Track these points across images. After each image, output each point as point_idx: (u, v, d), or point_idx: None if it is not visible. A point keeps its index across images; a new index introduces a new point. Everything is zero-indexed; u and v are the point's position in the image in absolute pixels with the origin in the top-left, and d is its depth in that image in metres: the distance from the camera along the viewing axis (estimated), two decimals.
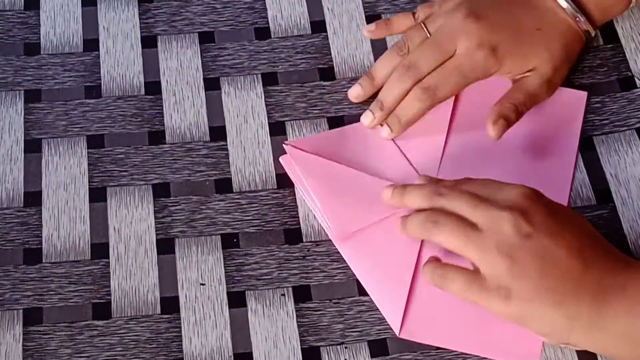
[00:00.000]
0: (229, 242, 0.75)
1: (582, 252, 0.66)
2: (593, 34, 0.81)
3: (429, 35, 0.79)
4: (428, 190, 0.70)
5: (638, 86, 0.82)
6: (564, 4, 0.79)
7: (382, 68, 0.80)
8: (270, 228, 0.76)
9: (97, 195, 0.77)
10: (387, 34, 0.83)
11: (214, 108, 0.81)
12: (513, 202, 0.67)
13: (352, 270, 0.74)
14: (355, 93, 0.81)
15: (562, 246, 0.65)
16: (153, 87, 0.82)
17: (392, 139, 0.79)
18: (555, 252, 0.65)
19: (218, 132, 0.80)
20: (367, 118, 0.79)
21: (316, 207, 0.75)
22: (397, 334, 0.71)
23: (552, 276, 0.65)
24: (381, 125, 0.79)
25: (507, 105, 0.77)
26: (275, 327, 0.72)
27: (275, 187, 0.78)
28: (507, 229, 0.65)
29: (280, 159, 0.78)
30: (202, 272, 0.74)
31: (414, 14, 0.82)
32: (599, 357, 0.70)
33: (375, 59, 0.83)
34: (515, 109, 0.77)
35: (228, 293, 0.73)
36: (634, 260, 0.68)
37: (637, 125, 0.80)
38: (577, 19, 0.79)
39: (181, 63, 0.84)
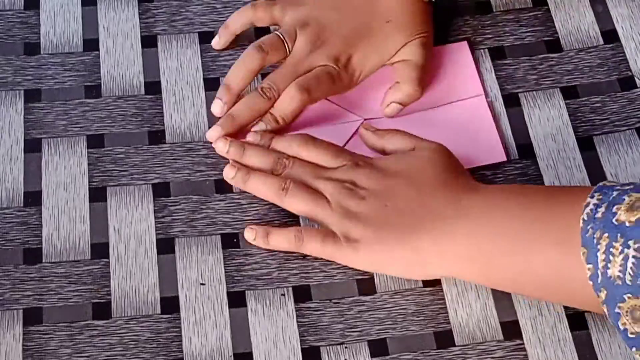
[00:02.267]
0: (229, 241, 0.75)
1: (418, 196, 0.72)
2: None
3: (288, 50, 0.80)
4: (274, 157, 0.76)
5: (638, 86, 0.82)
6: None
7: (238, 74, 0.80)
8: None
9: (97, 195, 0.77)
10: (231, 38, 0.83)
11: None
12: (342, 176, 0.74)
13: (352, 270, 0.74)
14: (217, 107, 0.80)
15: (394, 196, 0.72)
16: (153, 87, 0.82)
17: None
18: (389, 201, 0.72)
19: None
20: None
21: None
22: None
23: (393, 217, 0.71)
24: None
25: (404, 89, 0.80)
26: (275, 327, 0.72)
27: None
28: (346, 194, 0.73)
29: None
30: (202, 272, 0.74)
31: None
32: (594, 343, 0.71)
33: None
34: (413, 89, 0.80)
35: (228, 293, 0.73)
36: (482, 186, 0.73)
37: (637, 125, 0.80)
38: None
39: (181, 63, 0.84)
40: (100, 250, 0.75)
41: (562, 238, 0.65)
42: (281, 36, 0.80)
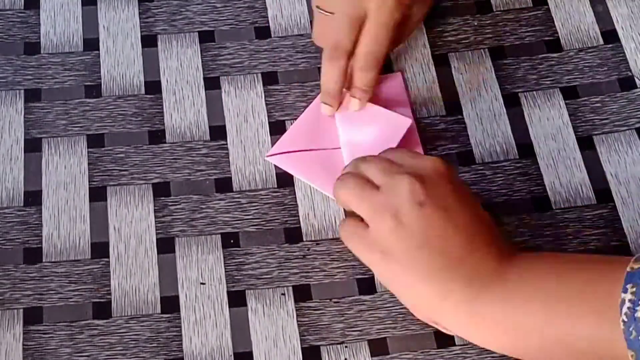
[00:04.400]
0: (229, 241, 0.75)
1: (470, 234, 0.67)
2: None
3: None
4: (358, 159, 0.72)
5: (638, 86, 0.82)
6: None
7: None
8: (271, 227, 0.76)
9: (97, 195, 0.77)
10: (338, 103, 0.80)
11: (214, 107, 0.81)
12: (417, 170, 0.68)
13: (352, 270, 0.74)
14: (328, 110, 0.80)
15: (452, 222, 0.67)
16: (153, 87, 0.82)
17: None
18: (443, 225, 0.67)
19: (218, 132, 0.80)
20: (326, 110, 0.79)
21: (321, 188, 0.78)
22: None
23: (433, 249, 0.66)
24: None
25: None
26: (275, 326, 0.72)
27: (276, 186, 0.78)
28: (402, 193, 0.67)
29: (267, 158, 0.79)
30: (202, 271, 0.74)
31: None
32: None
33: None
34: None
35: (228, 292, 0.73)
36: (521, 254, 0.68)
37: (637, 125, 0.80)
38: None
39: (181, 62, 0.84)
40: (100, 249, 0.75)
41: (600, 311, 0.62)
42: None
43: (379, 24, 0.77)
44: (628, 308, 0.60)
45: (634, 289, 0.61)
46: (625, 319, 0.60)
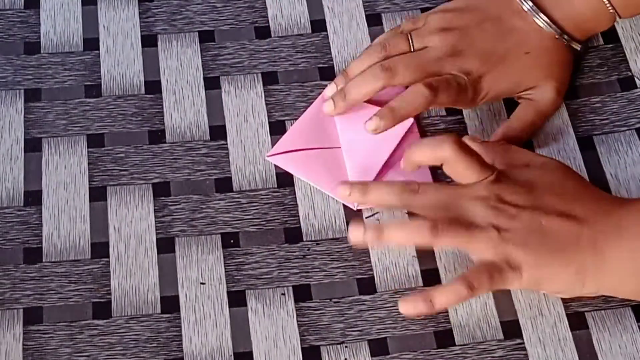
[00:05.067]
0: (229, 241, 0.75)
1: (570, 210, 0.69)
2: (579, 49, 0.81)
3: (412, 48, 0.79)
4: (398, 187, 0.72)
5: (638, 86, 0.82)
6: (547, 28, 0.79)
7: (359, 67, 0.79)
8: (271, 227, 0.76)
9: (97, 195, 0.77)
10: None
11: (214, 107, 0.81)
12: (485, 192, 0.70)
13: (352, 270, 0.74)
14: (330, 91, 0.80)
15: (548, 213, 0.69)
16: (153, 86, 0.82)
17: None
18: (544, 219, 0.69)
19: (218, 131, 0.80)
20: (328, 107, 0.79)
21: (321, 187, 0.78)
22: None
23: (550, 235, 0.69)
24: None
25: (513, 127, 0.79)
26: (275, 326, 0.72)
27: (276, 186, 0.78)
28: (497, 214, 0.69)
29: (268, 158, 0.79)
30: (202, 271, 0.74)
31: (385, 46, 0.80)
32: (594, 341, 0.71)
33: None
34: (522, 130, 0.79)
35: (228, 292, 0.73)
36: (619, 199, 0.73)
37: (637, 126, 0.80)
38: (559, 38, 0.79)
39: (181, 62, 0.84)
40: (100, 249, 0.75)
41: None
42: (409, 37, 0.79)
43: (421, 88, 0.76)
44: None
45: None
46: None
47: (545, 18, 0.79)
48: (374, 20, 0.86)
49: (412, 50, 0.79)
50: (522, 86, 0.79)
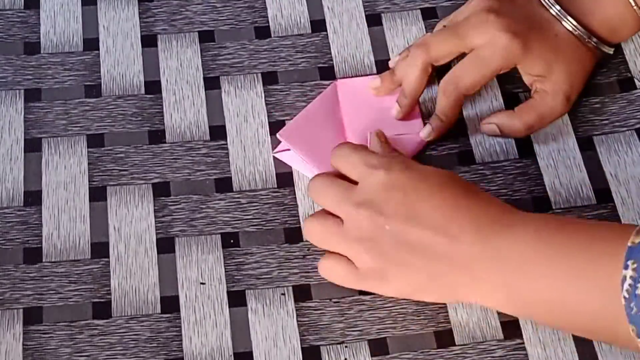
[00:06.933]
0: (229, 241, 0.75)
1: (444, 227, 0.67)
2: (610, 52, 0.81)
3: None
4: (310, 182, 0.74)
5: (638, 87, 0.82)
6: (576, 32, 0.79)
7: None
8: (271, 227, 0.76)
9: (97, 195, 0.77)
10: (393, 87, 0.81)
11: (214, 107, 0.81)
12: (370, 195, 0.69)
13: None
14: (374, 84, 0.81)
15: (420, 227, 0.68)
16: (153, 87, 0.82)
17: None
18: (414, 234, 0.68)
19: (218, 131, 0.80)
20: (394, 110, 0.80)
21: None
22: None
23: (416, 257, 0.68)
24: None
25: (508, 123, 0.79)
26: (275, 326, 0.72)
27: (275, 186, 0.78)
28: (365, 225, 0.69)
29: (275, 154, 0.79)
30: (202, 271, 0.74)
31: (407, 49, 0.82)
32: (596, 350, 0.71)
33: (376, 57, 0.83)
34: (522, 130, 0.79)
35: (228, 292, 0.73)
36: (507, 218, 0.68)
37: (637, 126, 0.80)
38: (589, 42, 0.79)
39: (181, 62, 0.84)
40: (100, 249, 0.75)
41: (604, 289, 0.62)
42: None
43: (477, 52, 0.77)
44: (629, 285, 0.61)
45: (635, 266, 0.61)
46: (627, 296, 0.61)
47: (573, 21, 0.78)
48: (374, 20, 0.86)
49: None
50: (547, 67, 0.78)
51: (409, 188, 0.69)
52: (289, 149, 0.78)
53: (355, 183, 0.71)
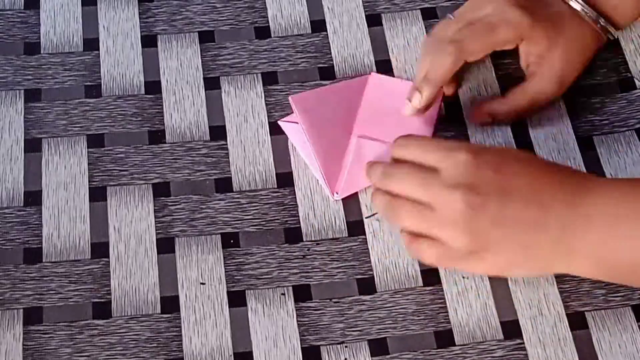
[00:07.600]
0: (229, 241, 0.75)
1: (537, 198, 0.68)
2: (615, 36, 0.81)
3: None
4: (380, 171, 0.72)
5: (638, 87, 0.82)
6: (585, 12, 0.79)
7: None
8: (271, 227, 0.76)
9: (97, 195, 0.77)
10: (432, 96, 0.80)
11: (214, 107, 0.81)
12: (459, 178, 0.68)
13: (352, 270, 0.74)
14: (418, 101, 0.79)
15: (515, 201, 0.68)
16: (153, 87, 0.82)
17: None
18: (510, 209, 0.68)
19: (218, 132, 0.80)
20: (416, 101, 0.79)
21: (313, 163, 0.78)
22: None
23: (515, 230, 0.68)
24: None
25: (500, 109, 0.80)
26: (275, 326, 0.72)
27: (276, 186, 0.78)
28: (459, 207, 0.67)
29: (280, 122, 0.80)
30: (202, 271, 0.74)
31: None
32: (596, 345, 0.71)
33: (376, 57, 0.83)
34: (512, 114, 0.79)
35: (228, 292, 0.73)
36: (592, 182, 0.69)
37: (637, 126, 0.81)
38: (598, 23, 0.79)
39: (181, 62, 0.84)
40: (100, 249, 0.75)
41: None
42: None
43: (487, 20, 0.77)
44: None
45: None
46: None
47: (581, 1, 0.79)
48: (374, 20, 0.86)
49: None
50: (549, 46, 0.78)
51: (497, 165, 0.69)
52: (296, 122, 0.78)
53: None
